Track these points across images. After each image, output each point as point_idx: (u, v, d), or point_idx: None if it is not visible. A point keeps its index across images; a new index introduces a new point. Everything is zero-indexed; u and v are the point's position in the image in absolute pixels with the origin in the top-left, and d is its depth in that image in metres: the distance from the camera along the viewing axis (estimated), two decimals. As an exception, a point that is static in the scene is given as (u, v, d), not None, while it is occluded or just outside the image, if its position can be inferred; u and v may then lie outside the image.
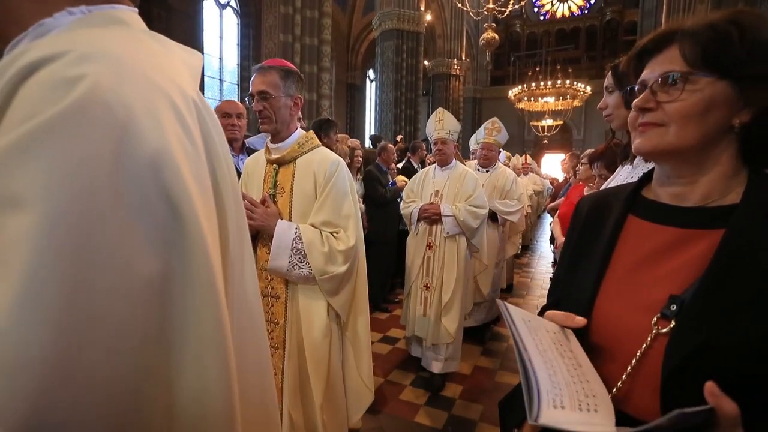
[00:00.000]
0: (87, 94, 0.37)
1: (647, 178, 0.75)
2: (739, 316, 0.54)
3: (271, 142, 1.61)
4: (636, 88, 0.69)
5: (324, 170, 1.55)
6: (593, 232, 0.75)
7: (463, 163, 3.40)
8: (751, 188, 0.61)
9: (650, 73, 0.66)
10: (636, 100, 0.66)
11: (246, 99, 1.61)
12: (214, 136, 0.52)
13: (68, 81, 0.38)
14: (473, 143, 4.38)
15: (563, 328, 0.65)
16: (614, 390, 0.62)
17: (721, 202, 0.63)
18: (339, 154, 3.61)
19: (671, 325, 0.58)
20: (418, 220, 2.91)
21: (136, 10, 0.54)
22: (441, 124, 2.94)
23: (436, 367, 2.80)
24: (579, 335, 0.65)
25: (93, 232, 0.36)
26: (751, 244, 0.56)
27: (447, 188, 2.93)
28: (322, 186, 1.54)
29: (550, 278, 5.43)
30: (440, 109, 3.03)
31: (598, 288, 0.69)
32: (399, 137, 8.44)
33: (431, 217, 2.84)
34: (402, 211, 3.09)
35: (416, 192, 3.08)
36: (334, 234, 1.52)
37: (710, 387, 0.48)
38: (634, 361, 0.60)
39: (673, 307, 0.59)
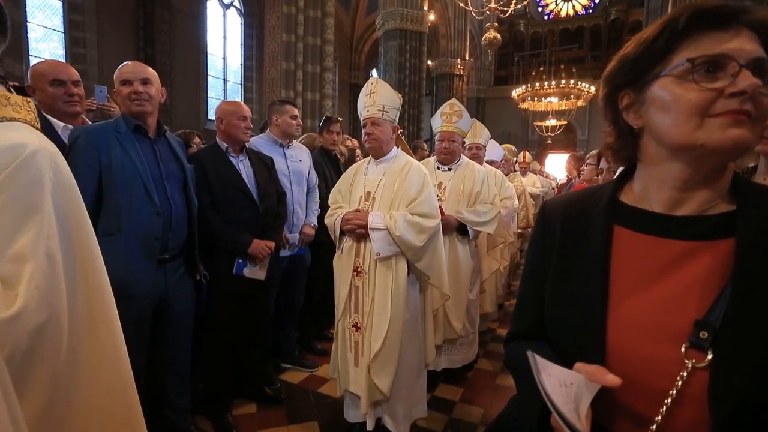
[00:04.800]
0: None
1: (622, 181, 0.69)
2: None
3: None
4: (703, 62, 0.53)
5: None
6: (575, 246, 0.67)
7: (411, 154, 2.59)
8: (744, 192, 0.57)
9: (740, 48, 0.52)
10: (750, 81, 0.51)
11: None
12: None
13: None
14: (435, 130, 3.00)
15: (588, 382, 0.55)
16: None
17: (716, 210, 0.58)
18: (336, 153, 3.47)
19: (708, 358, 0.52)
20: (342, 234, 2.01)
21: None
22: (372, 98, 1.97)
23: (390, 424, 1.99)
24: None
25: None
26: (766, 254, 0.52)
27: (381, 189, 1.97)
28: None
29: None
30: (373, 79, 2.09)
31: (605, 315, 0.60)
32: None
33: (355, 230, 1.91)
34: (325, 221, 2.12)
35: (344, 194, 2.12)
36: None
37: None
38: (669, 400, 0.53)
39: (704, 335, 0.52)
